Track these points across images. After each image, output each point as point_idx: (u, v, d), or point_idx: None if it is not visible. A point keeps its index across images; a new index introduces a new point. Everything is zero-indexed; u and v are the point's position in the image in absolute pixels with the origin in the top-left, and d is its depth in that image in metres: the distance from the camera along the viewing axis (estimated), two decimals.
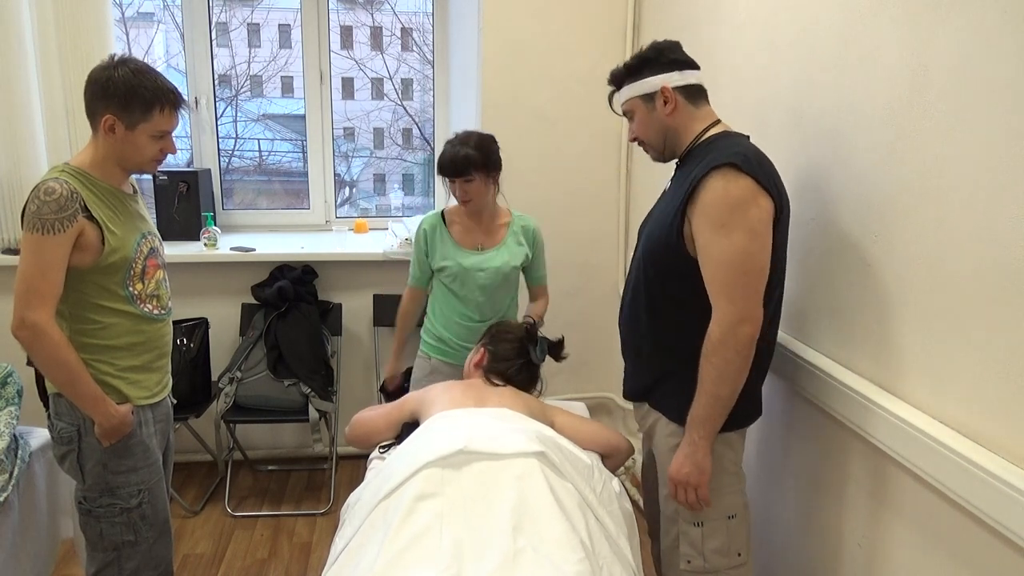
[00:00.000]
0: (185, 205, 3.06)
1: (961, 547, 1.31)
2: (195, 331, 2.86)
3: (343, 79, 3.52)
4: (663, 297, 1.62)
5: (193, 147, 3.27)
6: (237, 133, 3.55)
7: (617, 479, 1.77)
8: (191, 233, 3.04)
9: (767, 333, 1.55)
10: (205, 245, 2.98)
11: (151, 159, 1.69)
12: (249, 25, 3.48)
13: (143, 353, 1.76)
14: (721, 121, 1.63)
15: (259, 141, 3.64)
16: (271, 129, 3.66)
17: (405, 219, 3.21)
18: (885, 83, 1.47)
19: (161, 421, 1.86)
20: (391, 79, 3.68)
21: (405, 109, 3.73)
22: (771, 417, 1.88)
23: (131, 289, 1.71)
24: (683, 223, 1.52)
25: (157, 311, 1.78)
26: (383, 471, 1.63)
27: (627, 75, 1.65)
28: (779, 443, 1.92)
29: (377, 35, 3.59)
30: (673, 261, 1.56)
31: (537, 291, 2.49)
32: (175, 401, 1.97)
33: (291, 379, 2.81)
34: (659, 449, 1.71)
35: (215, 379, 2.91)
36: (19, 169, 2.70)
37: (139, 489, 1.75)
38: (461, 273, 2.28)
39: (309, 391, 2.81)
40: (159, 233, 1.86)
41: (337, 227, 3.38)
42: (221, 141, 3.34)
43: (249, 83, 3.56)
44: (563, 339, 2.19)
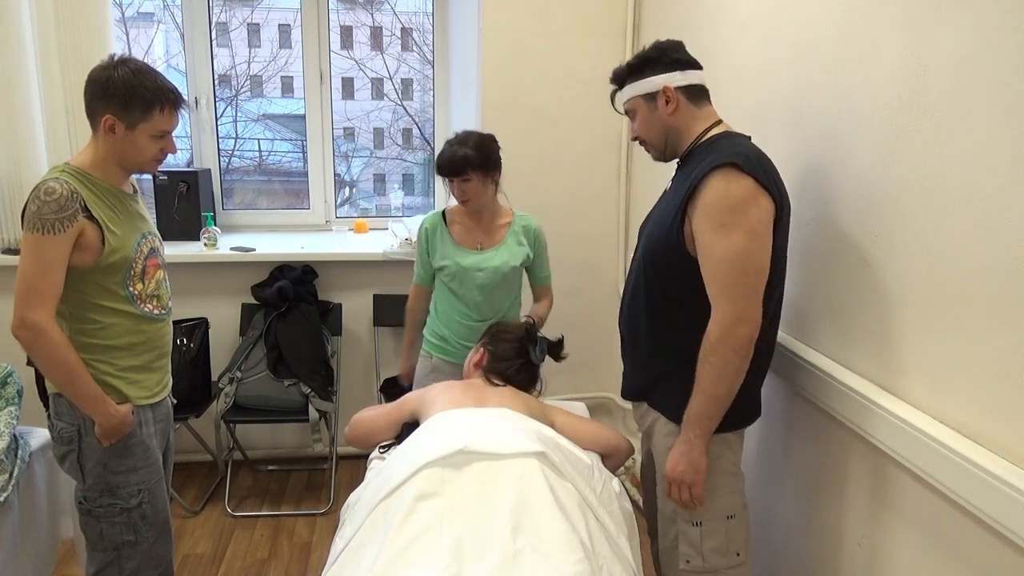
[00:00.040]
0: (185, 205, 3.07)
1: (961, 547, 1.31)
2: (195, 331, 2.86)
3: (343, 79, 3.52)
4: (663, 298, 1.62)
5: (193, 147, 3.27)
6: (237, 133, 3.55)
7: (617, 479, 1.77)
8: (191, 233, 3.04)
9: (767, 333, 1.55)
10: (205, 245, 2.98)
11: (151, 159, 1.69)
12: (249, 25, 3.48)
13: (143, 353, 1.76)
14: (723, 121, 1.63)
15: (259, 141, 3.64)
16: (271, 129, 3.66)
17: (405, 219, 3.21)
18: (885, 83, 1.47)
19: (161, 421, 1.86)
20: (391, 79, 3.68)
21: (405, 109, 3.73)
22: (771, 417, 1.88)
23: (131, 289, 1.71)
24: (683, 222, 1.52)
25: (157, 311, 1.78)
26: (383, 471, 1.63)
27: (629, 74, 1.65)
28: (779, 443, 1.92)
29: (377, 35, 3.59)
30: (673, 261, 1.56)
31: (541, 291, 2.47)
32: (175, 401, 1.97)
33: (291, 379, 2.81)
34: (658, 449, 1.71)
35: (215, 379, 2.91)
36: (19, 169, 2.70)
37: (139, 489, 1.76)
38: (460, 272, 2.28)
39: (309, 391, 2.81)
40: (159, 233, 1.86)
41: (337, 227, 3.38)
42: (221, 141, 3.34)
43: (249, 83, 3.56)
44: (563, 339, 2.19)
